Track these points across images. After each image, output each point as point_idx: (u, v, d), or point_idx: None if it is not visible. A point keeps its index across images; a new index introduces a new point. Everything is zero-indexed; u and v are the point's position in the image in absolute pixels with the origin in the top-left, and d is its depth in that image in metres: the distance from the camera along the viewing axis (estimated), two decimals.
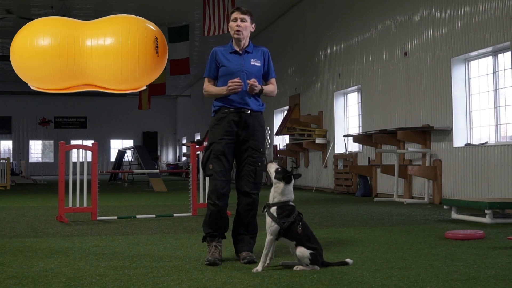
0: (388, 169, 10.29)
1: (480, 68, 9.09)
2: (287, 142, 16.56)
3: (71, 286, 3.35)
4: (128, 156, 21.20)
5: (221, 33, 13.42)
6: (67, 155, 7.37)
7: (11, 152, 34.73)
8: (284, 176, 3.86)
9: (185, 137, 34.72)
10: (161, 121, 38.10)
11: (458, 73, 9.28)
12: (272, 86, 4.41)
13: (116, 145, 36.22)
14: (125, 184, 18.12)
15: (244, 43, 4.31)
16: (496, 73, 8.76)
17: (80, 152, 7.44)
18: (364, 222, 6.75)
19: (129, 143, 35.54)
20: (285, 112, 17.03)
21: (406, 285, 3.28)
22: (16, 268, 3.90)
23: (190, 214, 7.71)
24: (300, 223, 3.79)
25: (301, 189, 14.41)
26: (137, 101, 26.72)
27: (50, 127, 36.19)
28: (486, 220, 6.39)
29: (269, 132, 18.43)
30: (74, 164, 7.35)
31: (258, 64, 4.31)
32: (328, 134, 13.90)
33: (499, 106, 8.67)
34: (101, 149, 32.75)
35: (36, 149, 36.78)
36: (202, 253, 4.41)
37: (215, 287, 3.29)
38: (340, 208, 8.80)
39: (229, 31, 4.34)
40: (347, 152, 12.91)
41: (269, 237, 3.78)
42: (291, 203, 3.86)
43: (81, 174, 7.39)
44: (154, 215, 7.57)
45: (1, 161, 17.31)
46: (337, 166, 13.02)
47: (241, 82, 4.14)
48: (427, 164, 9.60)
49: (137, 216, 7.40)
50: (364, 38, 12.24)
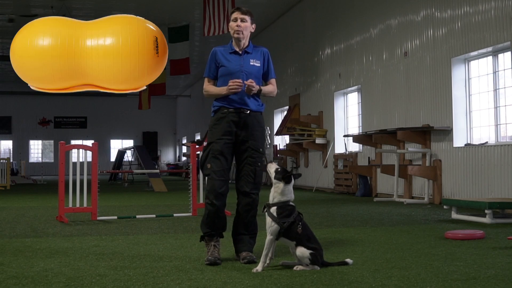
0: (388, 169, 10.29)
1: (480, 68, 9.09)
2: (287, 142, 16.56)
3: (71, 286, 3.35)
4: (128, 156, 21.21)
5: (221, 33, 13.42)
6: (67, 155, 7.37)
7: (11, 152, 34.73)
8: (284, 176, 3.86)
9: (185, 137, 34.72)
10: (161, 121, 38.10)
11: (458, 73, 9.28)
12: (271, 87, 4.39)
13: (116, 145, 36.22)
14: (125, 184, 18.12)
15: (244, 43, 4.30)
16: (496, 73, 8.76)
17: (80, 152, 7.44)
18: (364, 222, 6.75)
19: (129, 143, 35.54)
20: (285, 112, 17.03)
21: (406, 285, 3.29)
22: (16, 268, 3.90)
23: (190, 214, 7.71)
24: (300, 223, 3.79)
25: (301, 189, 14.41)
26: (137, 101, 26.73)
27: (50, 127, 36.19)
28: (486, 220, 6.39)
29: (269, 132, 18.43)
30: (74, 164, 7.36)
31: (258, 64, 4.30)
32: (328, 134, 13.90)
33: (499, 106, 8.67)
34: (101, 149, 32.75)
35: (36, 149, 36.78)
36: (202, 253, 4.41)
37: (215, 287, 3.29)
38: (340, 208, 8.80)
39: (229, 31, 4.33)
40: (347, 152, 12.91)
41: (269, 237, 3.78)
42: (291, 203, 3.86)
43: (81, 174, 7.39)
44: (154, 215, 7.57)
45: (1, 161, 17.31)
46: (337, 166, 13.02)
47: (242, 83, 4.13)
48: (427, 164, 9.60)
49: (137, 216, 7.40)
50: (364, 38, 12.24)
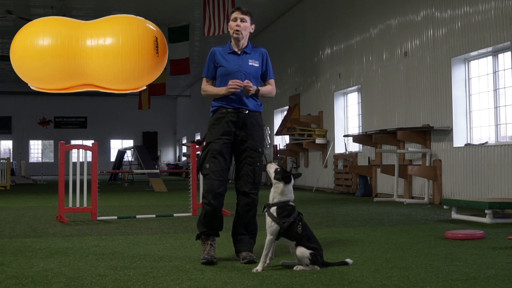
0: (388, 169, 10.29)
1: (480, 68, 9.09)
2: (287, 142, 16.56)
3: (71, 286, 3.35)
4: (128, 156, 21.21)
5: (221, 33, 13.43)
6: (67, 155, 7.37)
7: (11, 152, 34.73)
8: (284, 176, 3.86)
9: (185, 137, 34.72)
10: (161, 121, 38.10)
11: (458, 73, 9.28)
12: (270, 87, 4.39)
13: (116, 145, 36.22)
14: (125, 184, 18.12)
15: (243, 44, 4.30)
16: (496, 73, 8.76)
17: (80, 152, 7.44)
18: (364, 222, 6.75)
19: (129, 143, 35.54)
20: (285, 112, 17.02)
21: (406, 285, 3.28)
22: (16, 268, 3.90)
23: (190, 214, 7.71)
24: (300, 223, 3.79)
25: (301, 189, 14.41)
26: (137, 101, 26.73)
27: (50, 127, 36.19)
28: (486, 220, 6.39)
29: (269, 132, 18.42)
30: (74, 164, 7.36)
31: (256, 64, 4.30)
32: (328, 134, 13.90)
33: (499, 106, 8.67)
34: (101, 149, 32.76)
35: (36, 149, 36.78)
36: (200, 253, 4.40)
37: (215, 287, 3.29)
38: (340, 208, 8.80)
39: (229, 30, 4.34)
40: (347, 152, 12.91)
41: (269, 237, 3.78)
42: (291, 203, 3.86)
43: (81, 174, 7.39)
44: (154, 215, 7.56)
45: (1, 161, 17.31)
46: (337, 166, 13.02)
47: (241, 84, 4.13)
48: (427, 164, 9.60)
49: (137, 216, 7.40)
50: (364, 38, 12.24)
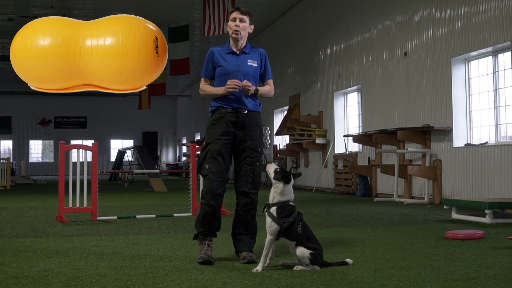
0: (388, 169, 10.29)
1: (480, 68, 9.09)
2: (287, 142, 16.56)
3: (71, 286, 3.35)
4: (128, 156, 21.21)
5: (221, 33, 13.43)
6: (67, 155, 7.37)
7: (11, 152, 34.73)
8: (283, 176, 3.86)
9: (185, 137, 34.72)
10: (161, 121, 38.10)
11: (458, 73, 9.28)
12: (268, 87, 4.40)
13: (116, 145, 36.22)
14: (125, 184, 18.12)
15: (242, 44, 4.31)
16: (496, 73, 8.76)
17: (80, 152, 7.44)
18: (364, 222, 6.75)
19: (129, 143, 35.55)
20: (285, 112, 17.02)
21: (406, 285, 3.28)
22: (16, 268, 3.90)
23: (190, 214, 7.71)
24: (300, 223, 3.79)
25: (301, 189, 14.41)
26: (137, 101, 26.73)
27: (50, 127, 36.19)
28: (486, 220, 6.39)
29: (269, 132, 18.42)
30: (74, 164, 7.36)
31: (255, 65, 4.31)
32: (328, 134, 13.90)
33: (499, 106, 8.67)
34: (101, 149, 32.76)
35: (36, 149, 36.78)
36: None
37: (215, 287, 3.29)
38: (340, 208, 8.80)
39: (227, 30, 4.35)
40: (347, 152, 12.91)
41: (269, 237, 3.78)
42: (291, 203, 3.86)
43: (81, 174, 7.39)
44: (154, 215, 7.56)
45: (1, 161, 17.31)
46: (337, 166, 13.02)
47: (240, 84, 4.14)
48: (427, 164, 9.60)
49: (137, 216, 7.40)
50: (364, 38, 12.24)
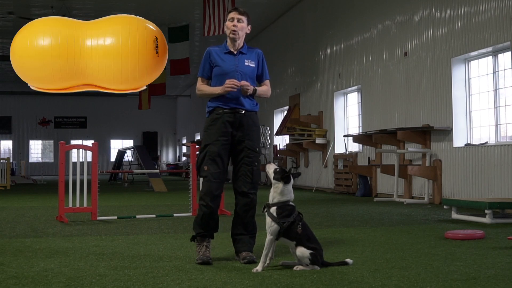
0: (388, 169, 10.29)
1: (480, 68, 9.09)
2: (287, 142, 16.56)
3: (71, 286, 3.35)
4: (128, 156, 21.21)
5: (221, 33, 13.43)
6: (67, 155, 7.37)
7: (11, 152, 34.73)
8: (283, 176, 3.86)
9: (185, 137, 34.72)
10: (161, 121, 38.11)
11: (458, 73, 9.28)
12: (265, 87, 4.41)
13: (116, 145, 36.22)
14: (125, 184, 18.12)
15: (239, 44, 4.32)
16: (496, 73, 8.76)
17: (80, 152, 7.44)
18: (364, 222, 6.75)
19: (129, 143, 35.55)
20: (285, 112, 17.02)
21: (406, 285, 3.28)
22: (16, 268, 3.90)
23: (190, 214, 7.70)
24: (300, 223, 3.79)
25: (301, 189, 14.41)
26: (137, 101, 26.73)
27: (50, 127, 36.20)
28: (486, 220, 6.39)
29: (269, 132, 18.42)
30: (74, 164, 7.36)
31: (253, 65, 4.32)
32: (328, 134, 13.90)
33: (499, 106, 8.67)
34: (101, 149, 32.75)
35: (36, 149, 36.78)
36: None
37: (215, 287, 3.29)
38: (340, 208, 8.80)
39: (225, 30, 4.35)
40: (347, 152, 12.91)
41: (269, 237, 3.78)
42: (291, 203, 3.86)
43: (81, 174, 7.39)
44: (154, 215, 7.56)
45: (1, 161, 17.31)
46: (337, 166, 13.02)
47: (238, 84, 4.15)
48: (427, 164, 9.60)
49: (137, 216, 7.40)
50: (364, 38, 12.24)
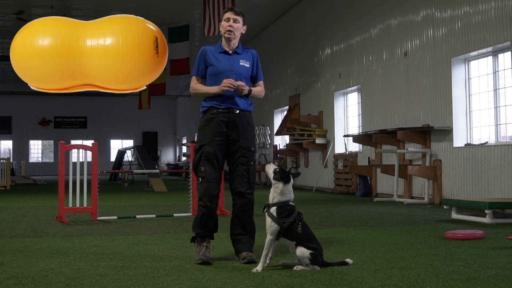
0: (388, 169, 10.29)
1: (480, 68, 9.09)
2: (287, 142, 16.56)
3: (71, 286, 3.35)
4: (128, 156, 21.21)
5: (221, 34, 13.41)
6: (67, 155, 7.37)
7: (11, 152, 34.73)
8: (283, 176, 3.86)
9: (185, 137, 34.72)
10: (161, 121, 38.11)
11: (458, 73, 9.28)
12: (260, 88, 4.43)
13: (116, 145, 36.23)
14: (125, 184, 18.12)
15: (234, 44, 4.34)
16: (496, 73, 8.76)
17: (80, 152, 7.44)
18: (364, 222, 6.75)
19: (129, 143, 35.55)
20: (285, 112, 17.02)
21: (406, 285, 3.28)
22: (16, 268, 3.90)
23: (190, 214, 7.70)
24: (300, 223, 3.79)
25: (301, 189, 14.41)
26: (137, 101, 26.73)
27: (50, 127, 36.21)
28: (486, 220, 6.39)
29: (269, 132, 18.43)
30: (74, 164, 7.36)
31: (247, 65, 4.34)
32: (328, 134, 13.90)
33: (499, 106, 8.67)
34: (101, 149, 32.76)
35: (36, 149, 36.79)
36: None
37: (215, 287, 3.29)
38: (340, 208, 8.80)
39: (220, 30, 4.36)
40: (347, 152, 12.91)
41: (269, 237, 3.78)
42: (291, 203, 3.86)
43: (81, 174, 7.39)
44: (154, 215, 7.56)
45: (1, 161, 17.31)
46: (337, 166, 13.02)
47: (235, 84, 4.15)
48: (427, 164, 9.60)
49: (137, 216, 7.40)
50: (364, 38, 12.24)
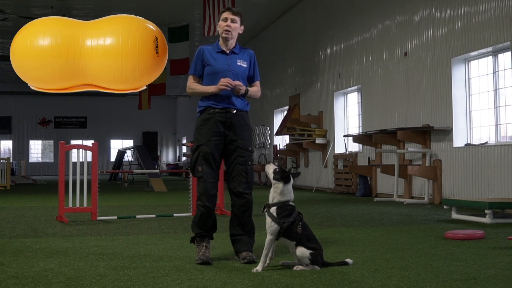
0: (388, 169, 10.29)
1: (480, 68, 9.09)
2: (287, 142, 16.56)
3: (71, 286, 3.35)
4: (128, 156, 21.21)
5: None
6: (67, 155, 7.37)
7: (11, 152, 34.73)
8: (283, 176, 3.86)
9: (185, 137, 34.72)
10: (161, 121, 38.11)
11: (458, 73, 9.28)
12: (256, 88, 4.44)
13: (116, 145, 36.23)
14: (125, 184, 18.12)
15: (231, 44, 4.34)
16: (496, 73, 8.76)
17: (80, 152, 7.44)
18: (364, 222, 6.75)
19: (129, 143, 35.55)
20: (285, 112, 17.02)
21: (406, 285, 3.28)
22: (16, 268, 3.90)
23: (190, 214, 7.70)
24: (300, 223, 3.79)
25: (301, 189, 14.41)
26: (137, 101, 26.72)
27: (50, 127, 36.21)
28: (486, 220, 6.39)
29: (269, 132, 18.43)
30: (74, 164, 7.36)
31: (245, 65, 4.35)
32: (328, 134, 13.90)
33: (499, 106, 8.67)
34: (101, 149, 32.76)
35: (36, 149, 36.79)
36: None
37: (215, 287, 3.29)
38: (340, 208, 8.80)
39: (217, 29, 4.37)
40: (347, 152, 12.91)
41: (269, 237, 3.78)
42: (291, 203, 3.86)
43: (81, 174, 7.39)
44: (154, 215, 7.56)
45: (1, 161, 17.31)
46: (337, 166, 13.02)
47: (233, 83, 4.16)
48: (427, 164, 9.60)
49: (137, 216, 7.40)
50: (364, 38, 12.24)
